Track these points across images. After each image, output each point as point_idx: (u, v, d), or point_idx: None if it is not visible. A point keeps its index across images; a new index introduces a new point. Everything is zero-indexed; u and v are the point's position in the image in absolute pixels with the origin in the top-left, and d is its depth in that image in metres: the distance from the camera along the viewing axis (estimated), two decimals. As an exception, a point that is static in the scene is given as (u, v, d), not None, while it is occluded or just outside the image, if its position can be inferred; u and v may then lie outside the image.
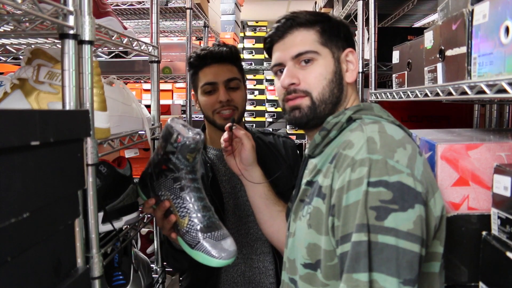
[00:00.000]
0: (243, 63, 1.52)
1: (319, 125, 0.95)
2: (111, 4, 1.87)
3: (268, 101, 4.59)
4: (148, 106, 1.31)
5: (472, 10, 0.81)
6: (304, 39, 0.96)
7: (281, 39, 0.98)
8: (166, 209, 1.05)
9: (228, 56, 1.39)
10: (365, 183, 0.75)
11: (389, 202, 0.74)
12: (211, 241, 1.02)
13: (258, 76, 4.62)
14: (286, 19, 0.97)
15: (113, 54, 1.65)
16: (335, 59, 0.97)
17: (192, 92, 1.50)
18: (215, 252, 1.01)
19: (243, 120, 1.53)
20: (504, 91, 0.67)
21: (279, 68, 1.00)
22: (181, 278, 1.63)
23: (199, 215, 1.03)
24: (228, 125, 1.20)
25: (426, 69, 1.09)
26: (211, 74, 1.38)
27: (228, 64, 1.39)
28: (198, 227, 1.02)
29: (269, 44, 1.02)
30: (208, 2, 2.43)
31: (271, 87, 4.62)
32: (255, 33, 4.95)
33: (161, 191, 1.06)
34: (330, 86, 0.95)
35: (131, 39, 1.07)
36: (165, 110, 2.55)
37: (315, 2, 3.61)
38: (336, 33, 0.98)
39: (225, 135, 1.20)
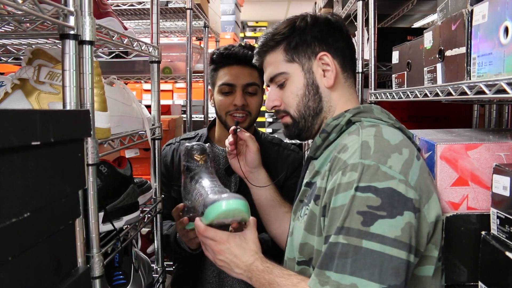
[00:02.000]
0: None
1: (315, 134, 0.99)
2: (112, 5, 1.87)
3: (268, 101, 4.58)
4: (148, 106, 1.30)
5: (472, 10, 0.81)
6: (272, 62, 1.00)
7: (262, 64, 1.04)
8: (181, 210, 1.17)
9: (252, 59, 1.35)
10: (354, 188, 0.76)
11: (376, 208, 0.74)
12: (212, 194, 0.99)
13: (258, 76, 4.61)
14: (257, 50, 1.03)
15: (114, 54, 1.65)
16: (305, 71, 0.96)
17: (209, 87, 1.49)
18: (218, 196, 0.95)
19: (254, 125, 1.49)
20: (503, 91, 0.68)
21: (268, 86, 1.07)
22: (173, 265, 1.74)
23: (208, 190, 1.02)
24: (232, 128, 1.21)
25: (425, 69, 1.09)
26: (231, 75, 1.36)
27: (250, 68, 1.36)
28: (205, 196, 1.01)
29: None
30: (208, 2, 2.43)
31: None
32: (255, 33, 4.96)
33: (183, 193, 1.16)
34: (303, 101, 0.97)
35: (131, 40, 1.07)
36: (165, 110, 2.55)
37: (315, 3, 3.61)
38: (303, 42, 0.96)
39: (230, 138, 1.21)
